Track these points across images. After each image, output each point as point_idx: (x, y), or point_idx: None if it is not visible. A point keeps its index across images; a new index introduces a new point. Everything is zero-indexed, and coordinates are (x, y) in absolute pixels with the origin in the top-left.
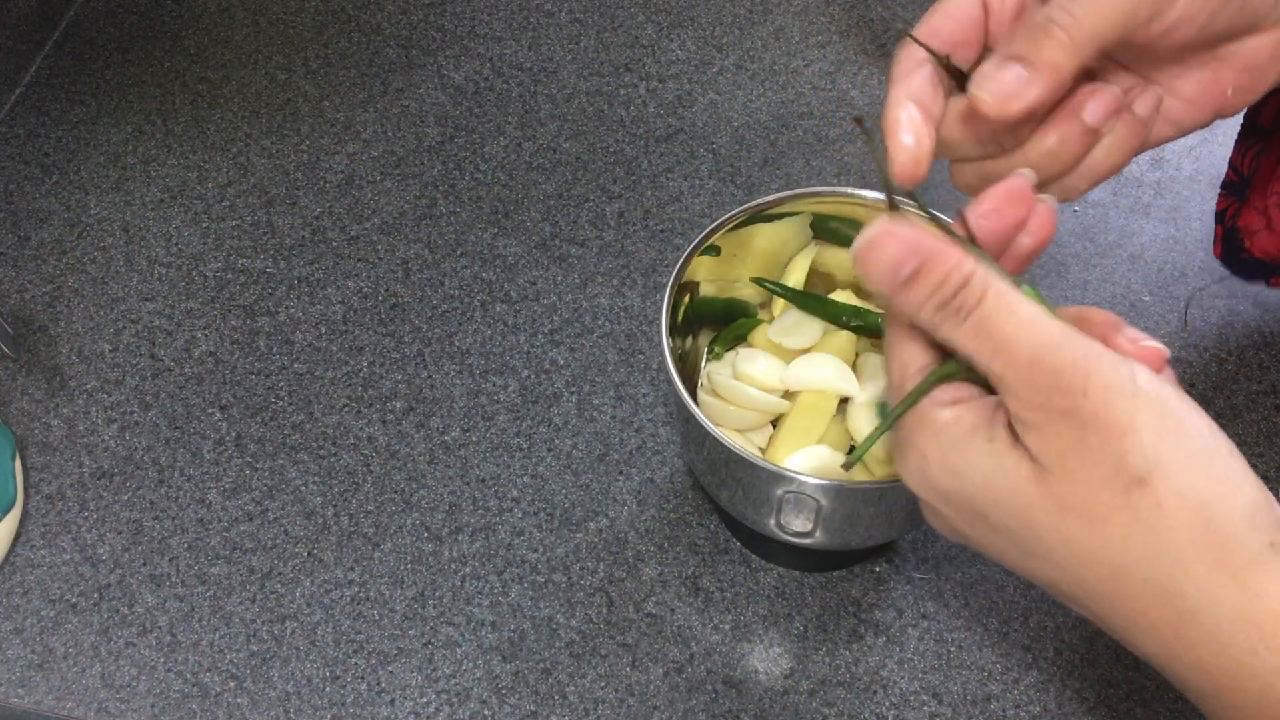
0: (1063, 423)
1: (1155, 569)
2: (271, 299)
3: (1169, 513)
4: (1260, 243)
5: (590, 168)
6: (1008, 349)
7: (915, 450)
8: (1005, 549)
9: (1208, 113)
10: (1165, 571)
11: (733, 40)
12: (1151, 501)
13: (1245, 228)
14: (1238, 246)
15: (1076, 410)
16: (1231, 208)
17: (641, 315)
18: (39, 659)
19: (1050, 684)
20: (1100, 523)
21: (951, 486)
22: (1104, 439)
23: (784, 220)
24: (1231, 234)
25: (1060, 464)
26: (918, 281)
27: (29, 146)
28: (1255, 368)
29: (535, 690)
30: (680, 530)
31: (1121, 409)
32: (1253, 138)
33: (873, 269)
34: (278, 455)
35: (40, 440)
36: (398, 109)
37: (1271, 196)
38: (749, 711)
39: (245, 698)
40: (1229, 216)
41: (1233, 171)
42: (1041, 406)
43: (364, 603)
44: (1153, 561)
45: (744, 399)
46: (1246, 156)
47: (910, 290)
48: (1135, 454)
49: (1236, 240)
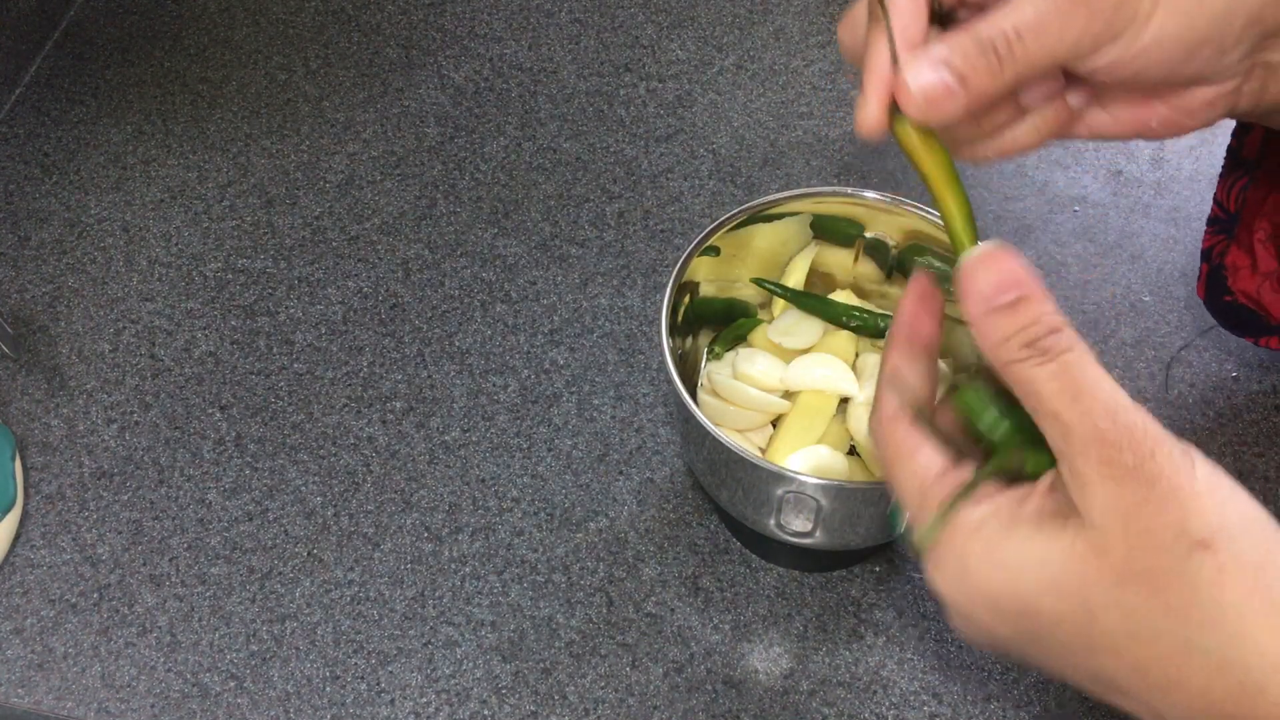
0: (1130, 480)
1: (1217, 638)
2: (271, 299)
3: (1230, 578)
4: (1242, 281)
5: (590, 168)
6: (1088, 398)
7: (952, 554)
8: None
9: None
10: (1227, 641)
11: (733, 40)
12: (1213, 565)
13: (1231, 265)
14: (1221, 286)
15: (1144, 468)
16: (1219, 244)
17: (641, 315)
18: (39, 659)
19: (1050, 684)
20: (1160, 591)
21: (999, 584)
22: (1168, 500)
23: (784, 220)
24: (1216, 271)
25: (1121, 526)
26: (1016, 310)
27: (29, 146)
28: (1255, 368)
29: (535, 690)
30: (680, 530)
31: (1185, 474)
32: (1238, 171)
33: (976, 284)
34: (278, 455)
35: (40, 440)
36: (398, 109)
37: (1257, 233)
38: (749, 711)
39: (245, 698)
40: (1216, 254)
41: (1218, 207)
42: (1110, 461)
43: (364, 603)
44: (1214, 630)
45: (744, 399)
46: (1232, 192)
47: (1005, 317)
48: (1197, 518)
49: (1220, 278)
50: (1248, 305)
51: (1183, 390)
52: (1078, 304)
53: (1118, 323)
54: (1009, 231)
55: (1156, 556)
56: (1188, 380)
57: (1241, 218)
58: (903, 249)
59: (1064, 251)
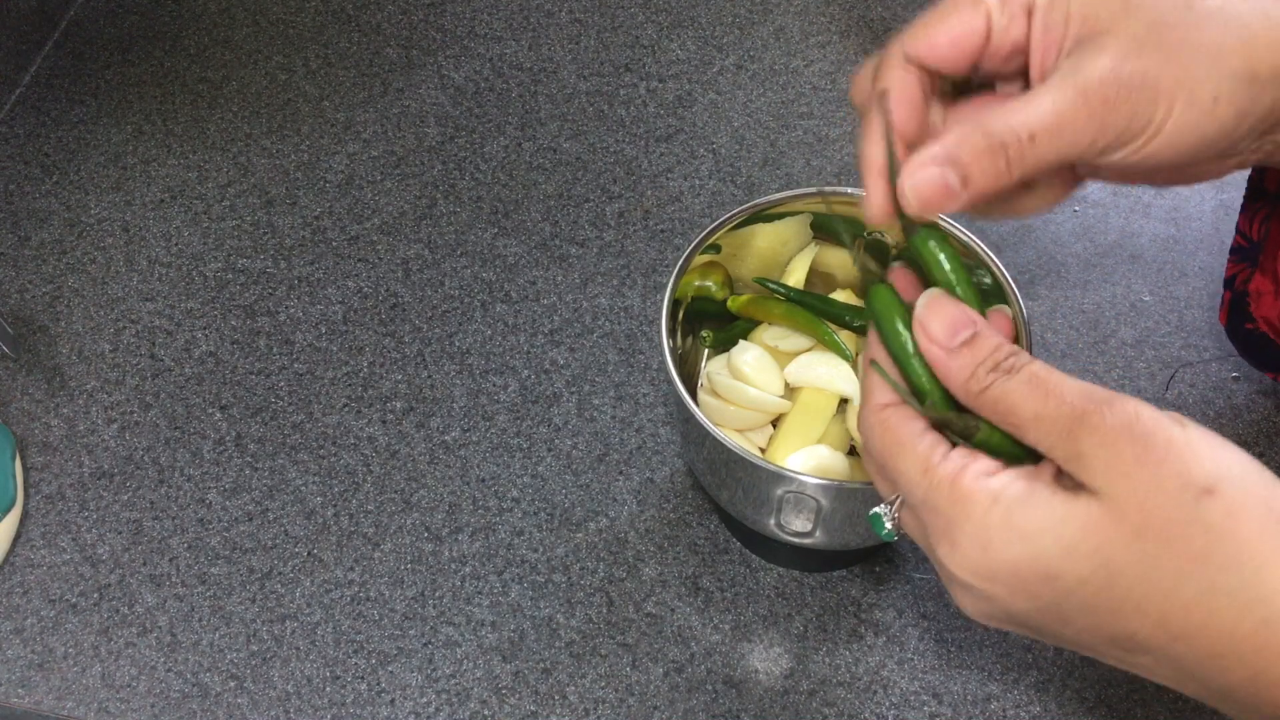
0: (1122, 441)
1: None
2: (271, 299)
3: (1241, 519)
4: (1264, 307)
5: (590, 168)
6: (1059, 390)
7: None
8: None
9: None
10: (1247, 580)
11: (733, 40)
12: (1222, 509)
13: (1255, 291)
14: (1243, 314)
15: (1132, 429)
16: (1243, 273)
17: (641, 315)
18: (39, 659)
19: (1050, 684)
20: (1176, 540)
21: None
22: (1165, 453)
23: (784, 220)
24: (1239, 299)
25: (1127, 487)
26: (974, 345)
27: (29, 146)
28: None
29: (535, 690)
30: (680, 530)
31: (1175, 432)
32: (1259, 202)
33: (930, 331)
34: (278, 455)
35: (40, 440)
36: (398, 109)
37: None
38: (749, 711)
39: (245, 698)
40: (1240, 282)
41: (1241, 237)
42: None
43: (364, 603)
44: (1232, 570)
45: (744, 399)
46: (1254, 221)
47: (966, 354)
48: (1197, 467)
49: (1243, 306)
50: (1268, 334)
51: (1183, 390)
52: (1078, 304)
53: (1118, 323)
54: (1009, 231)
55: (1167, 509)
56: (1188, 380)
57: (1265, 247)
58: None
59: (1064, 251)
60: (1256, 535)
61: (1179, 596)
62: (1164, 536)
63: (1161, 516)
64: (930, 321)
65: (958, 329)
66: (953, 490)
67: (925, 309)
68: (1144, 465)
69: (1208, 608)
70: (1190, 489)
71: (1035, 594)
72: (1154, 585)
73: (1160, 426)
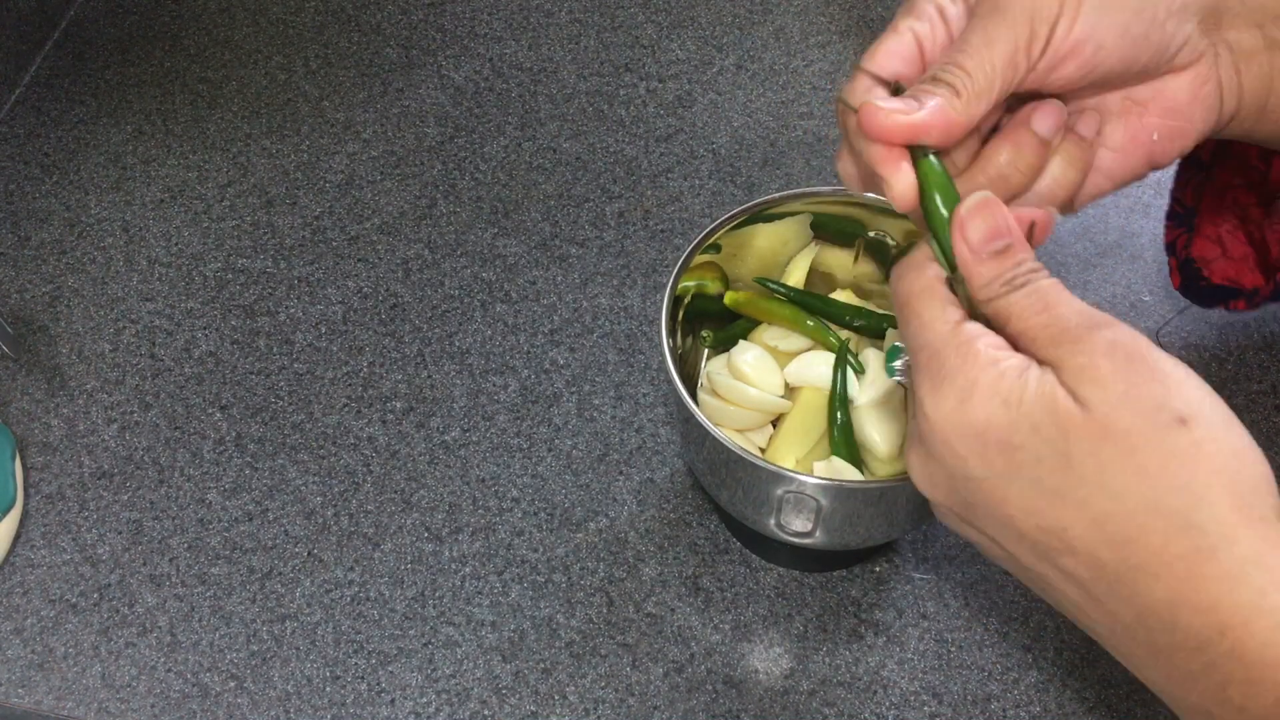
0: (1111, 354)
1: (1183, 501)
2: (271, 299)
3: (1206, 454)
4: (1219, 270)
5: (590, 168)
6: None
7: (962, 378)
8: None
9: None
10: (1192, 505)
11: (733, 40)
12: (1190, 440)
13: (1201, 258)
14: (1195, 275)
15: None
16: (1181, 239)
17: (641, 315)
18: (39, 659)
19: (1050, 684)
20: (1138, 451)
21: (991, 414)
22: (1149, 374)
23: (784, 220)
24: (1187, 265)
25: (1105, 396)
26: (1004, 257)
27: (29, 146)
28: (1255, 368)
29: (535, 690)
30: (680, 530)
31: (1169, 363)
32: (1192, 170)
33: (969, 233)
34: (278, 455)
35: (40, 440)
36: (398, 109)
37: (1224, 225)
38: (749, 711)
39: (245, 698)
40: (1180, 248)
41: (1176, 203)
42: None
43: (364, 603)
44: (1182, 493)
45: (744, 399)
46: (1188, 189)
47: (994, 263)
48: (1178, 397)
49: (1193, 270)
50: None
51: None
52: None
53: None
54: None
55: (1137, 420)
56: None
57: (1200, 211)
58: (903, 248)
59: (1064, 251)
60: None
61: (1122, 503)
62: (1126, 445)
63: (1130, 427)
64: (970, 223)
65: (993, 238)
66: (961, 344)
67: (970, 210)
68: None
69: (1146, 521)
70: (1165, 412)
71: (989, 461)
72: (1103, 486)
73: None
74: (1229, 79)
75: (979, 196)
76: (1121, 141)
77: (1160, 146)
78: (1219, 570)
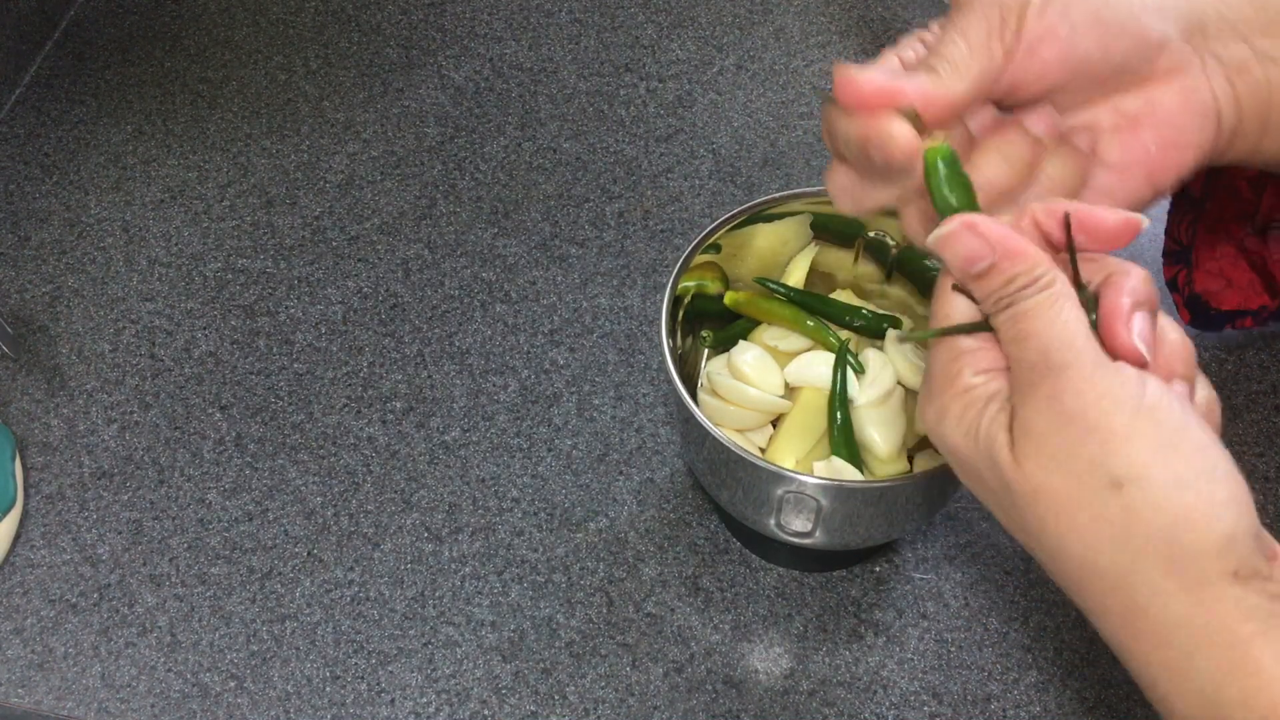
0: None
1: (1114, 561)
2: (271, 299)
3: (1138, 520)
4: (1228, 299)
5: (590, 168)
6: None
7: (940, 402)
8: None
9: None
10: (1124, 567)
11: (733, 40)
12: (1120, 505)
13: (1205, 291)
14: (1204, 308)
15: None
16: (1181, 274)
17: (641, 315)
18: (39, 659)
19: (1050, 684)
20: (1067, 513)
21: (959, 443)
22: (1085, 435)
23: (784, 220)
24: (1194, 301)
25: (1039, 454)
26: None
27: (29, 146)
28: (1255, 368)
29: (535, 690)
30: (680, 530)
31: (1119, 420)
32: (1184, 206)
33: (949, 258)
34: (278, 455)
35: (40, 440)
36: (398, 109)
37: (1223, 258)
38: (749, 711)
39: (245, 698)
40: (1182, 284)
41: (1172, 241)
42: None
43: (364, 603)
44: (1115, 554)
45: (744, 399)
46: (1182, 225)
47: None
48: (1119, 460)
49: (1200, 304)
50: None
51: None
52: None
53: None
54: None
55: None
56: None
57: (1197, 246)
58: (903, 249)
59: None
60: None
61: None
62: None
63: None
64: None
65: (971, 261)
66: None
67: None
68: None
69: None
70: (1098, 475)
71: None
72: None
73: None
74: (1223, 90)
75: (955, 221)
76: (1119, 157)
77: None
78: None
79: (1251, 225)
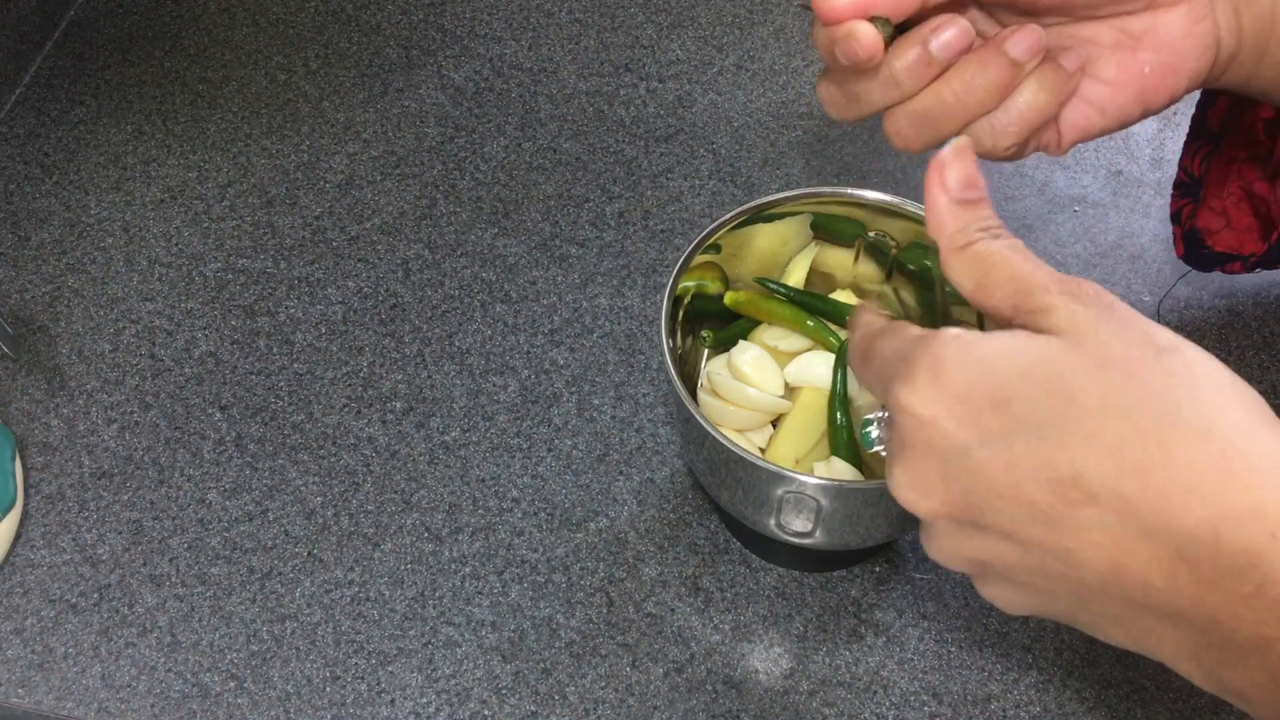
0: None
1: (1197, 411)
2: (271, 299)
3: (1201, 372)
4: (1223, 240)
5: (590, 168)
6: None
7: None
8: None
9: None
10: (1205, 413)
11: (733, 40)
12: (1182, 361)
13: (1205, 228)
14: (1199, 245)
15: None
16: (1186, 208)
17: (641, 315)
18: (39, 659)
19: (1050, 684)
20: (1136, 375)
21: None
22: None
23: (784, 220)
24: (1191, 235)
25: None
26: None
27: (29, 146)
28: (1255, 368)
29: (535, 690)
30: (680, 530)
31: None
32: (1201, 139)
33: (946, 178)
34: (278, 455)
35: (40, 440)
36: (398, 109)
37: (1229, 197)
38: (749, 711)
39: (245, 698)
40: (1185, 217)
41: (1184, 173)
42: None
43: (364, 603)
44: (1193, 405)
45: (744, 399)
46: (1196, 158)
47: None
48: (1160, 333)
49: (1197, 240)
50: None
51: None
52: None
53: None
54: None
55: (1129, 350)
56: None
57: (1207, 182)
58: (903, 249)
59: (1064, 251)
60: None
61: (1136, 420)
62: (1124, 370)
63: (1123, 354)
64: (950, 167)
65: (969, 186)
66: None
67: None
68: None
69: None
70: (1152, 346)
71: (982, 426)
72: (1111, 409)
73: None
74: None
75: (959, 142)
76: (1113, 74)
77: (1151, 82)
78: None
79: (1264, 170)
